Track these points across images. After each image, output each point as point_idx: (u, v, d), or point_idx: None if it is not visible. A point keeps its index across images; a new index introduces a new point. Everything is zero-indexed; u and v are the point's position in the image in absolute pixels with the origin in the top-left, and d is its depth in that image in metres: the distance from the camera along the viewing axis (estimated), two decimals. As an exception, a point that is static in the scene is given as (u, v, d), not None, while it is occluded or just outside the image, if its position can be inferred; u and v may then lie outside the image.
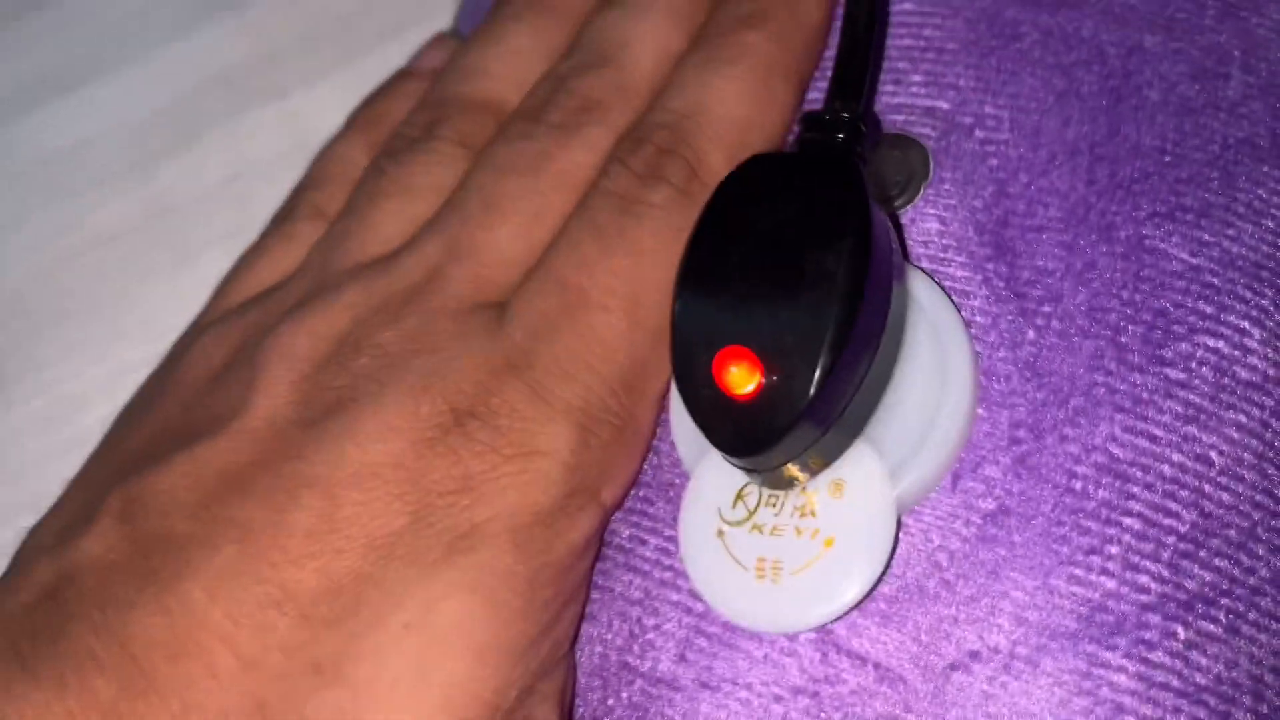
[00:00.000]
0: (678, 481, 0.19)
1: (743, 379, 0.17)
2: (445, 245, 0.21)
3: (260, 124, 0.30)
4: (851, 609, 0.18)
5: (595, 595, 0.19)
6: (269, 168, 0.29)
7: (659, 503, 0.19)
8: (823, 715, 0.17)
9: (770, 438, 0.17)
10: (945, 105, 0.21)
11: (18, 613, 0.19)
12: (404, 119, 0.24)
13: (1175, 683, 0.17)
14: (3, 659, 0.18)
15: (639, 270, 0.20)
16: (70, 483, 0.22)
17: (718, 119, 0.21)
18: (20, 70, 0.31)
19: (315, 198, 0.24)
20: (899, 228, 0.20)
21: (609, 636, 0.19)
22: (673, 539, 0.19)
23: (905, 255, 0.20)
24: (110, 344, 0.29)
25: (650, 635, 0.19)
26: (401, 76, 0.26)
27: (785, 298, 0.17)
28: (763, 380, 0.17)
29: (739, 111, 0.21)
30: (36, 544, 0.21)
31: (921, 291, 0.19)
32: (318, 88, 0.30)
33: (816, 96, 0.22)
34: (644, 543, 0.19)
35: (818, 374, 0.16)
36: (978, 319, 0.19)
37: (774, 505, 0.19)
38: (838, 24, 0.22)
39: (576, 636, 0.20)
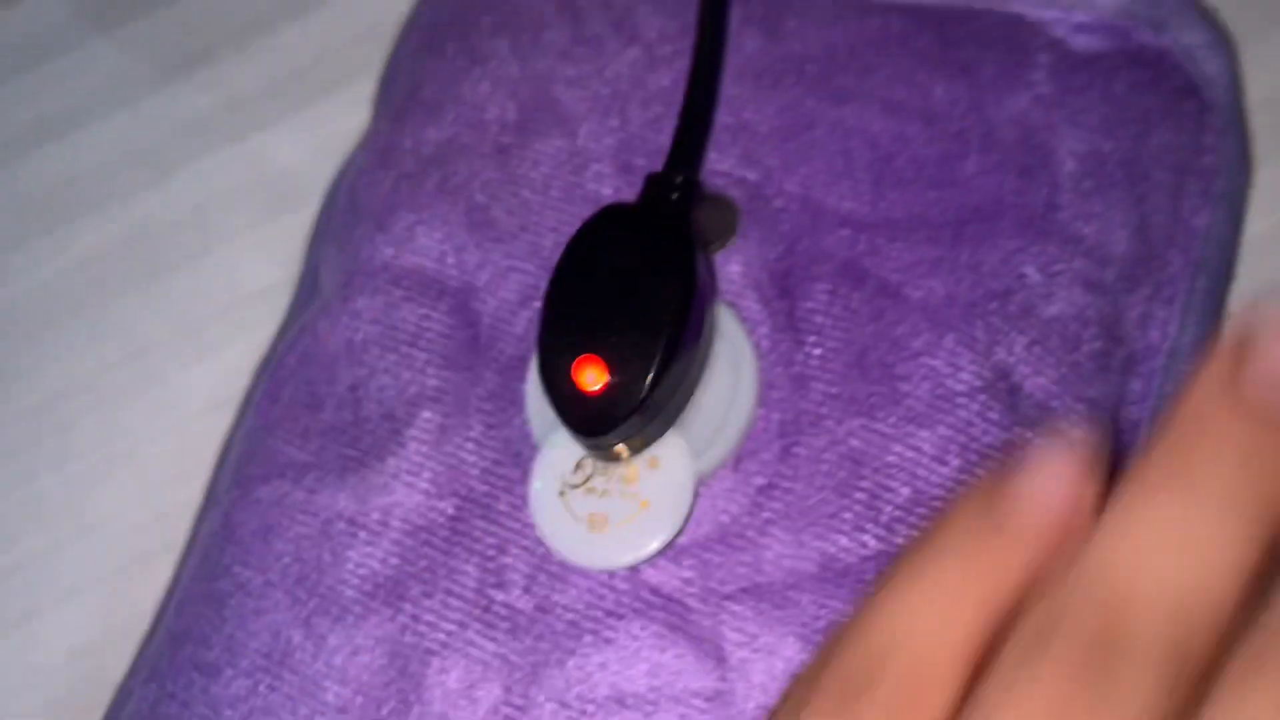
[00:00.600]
0: (525, 451, 0.25)
1: (593, 379, 0.22)
2: None
3: (223, 162, 0.34)
4: (659, 554, 0.23)
5: (455, 539, 0.24)
6: (230, 199, 0.33)
7: (509, 466, 0.25)
8: (629, 631, 0.23)
9: (610, 424, 0.22)
10: (753, 177, 0.26)
11: None
12: (1029, 624, 0.16)
13: None
14: None
15: None
16: None
17: None
18: (21, 117, 0.35)
19: (883, 698, 0.16)
20: (712, 269, 0.26)
21: (469, 569, 0.24)
22: (521, 496, 0.24)
23: (715, 291, 0.25)
24: (92, 347, 0.32)
25: (504, 572, 0.24)
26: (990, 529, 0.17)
27: (628, 321, 0.22)
28: (608, 381, 0.22)
29: None
30: None
31: (724, 319, 0.25)
32: (273, 131, 0.34)
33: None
34: (497, 499, 0.25)
35: (649, 379, 0.22)
36: (763, 343, 0.25)
37: (605, 473, 0.24)
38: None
39: None
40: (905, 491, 0.23)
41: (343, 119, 0.34)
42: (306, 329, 0.28)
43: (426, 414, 0.26)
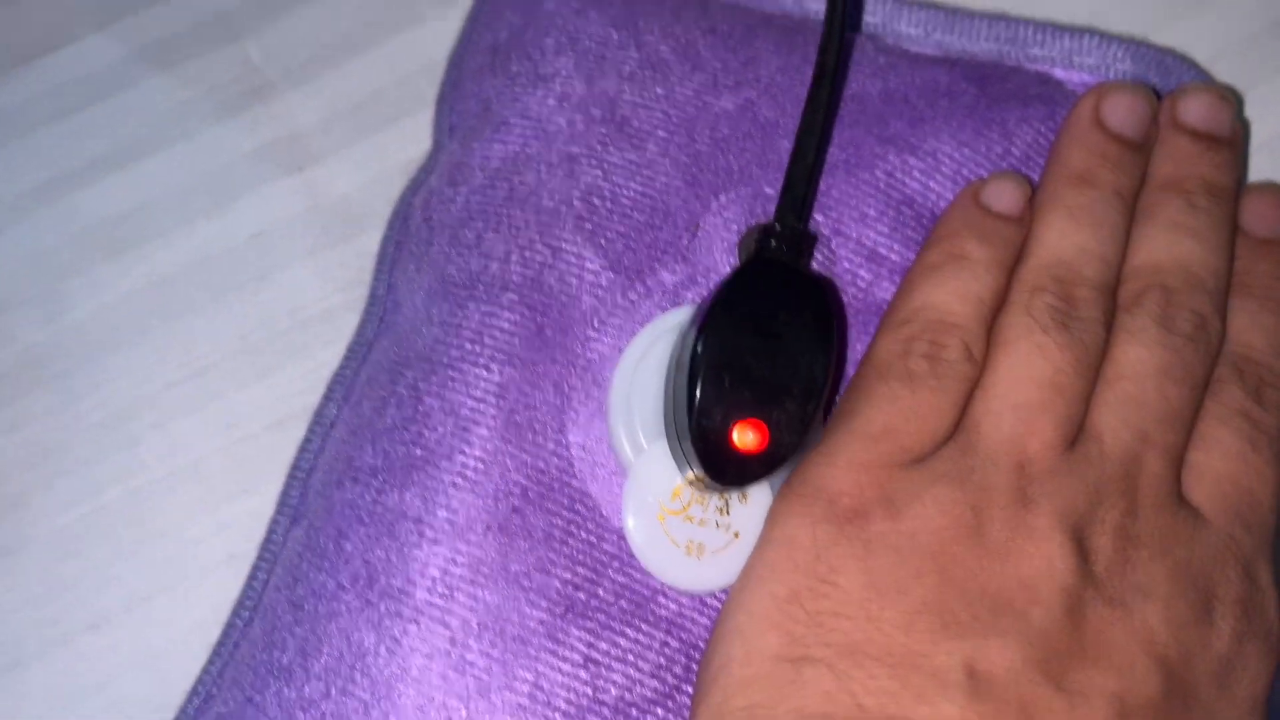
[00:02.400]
0: (599, 456, 0.26)
1: (753, 442, 0.24)
2: (1139, 437, 0.24)
3: (280, 191, 0.35)
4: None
5: (530, 538, 0.25)
6: (287, 227, 0.35)
7: (586, 468, 0.26)
8: (701, 633, 0.25)
9: (757, 478, 0.24)
10: (820, 217, 0.28)
11: None
12: (1030, 279, 0.26)
13: None
14: None
15: (1269, 475, 0.25)
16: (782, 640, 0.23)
17: None
18: (90, 147, 0.36)
19: (945, 342, 0.25)
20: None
21: (555, 574, 0.25)
22: (593, 495, 0.26)
23: None
24: (155, 367, 0.34)
25: (590, 579, 0.25)
26: (978, 210, 0.27)
27: (783, 388, 0.24)
28: (765, 444, 0.24)
29: None
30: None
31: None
32: (327, 163, 0.36)
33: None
34: (570, 499, 0.26)
35: (799, 443, 0.24)
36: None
37: (702, 503, 0.25)
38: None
39: None
40: None
41: (398, 151, 0.36)
42: (379, 343, 0.30)
43: (492, 411, 0.27)
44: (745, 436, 0.24)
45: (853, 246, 0.28)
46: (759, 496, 0.25)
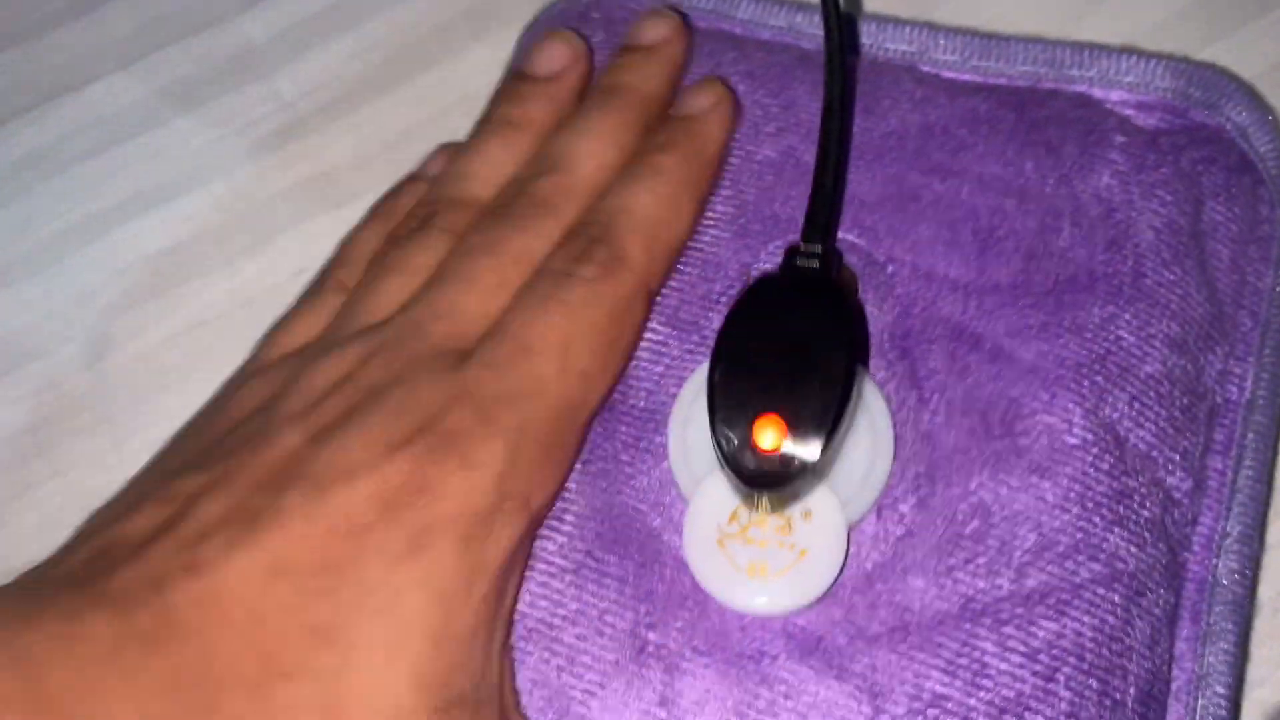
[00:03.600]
0: (666, 500, 0.26)
1: (772, 438, 0.24)
2: (427, 308, 0.26)
3: (320, 229, 0.35)
4: (818, 600, 0.25)
5: (604, 582, 0.26)
6: (327, 265, 0.35)
7: (652, 512, 0.26)
8: (784, 670, 0.25)
9: (784, 481, 0.24)
10: (865, 244, 0.28)
11: (69, 570, 0.22)
12: (409, 212, 0.30)
13: (1019, 647, 0.24)
14: (53, 600, 0.21)
15: (570, 326, 0.25)
16: (123, 488, 0.27)
17: (636, 218, 0.27)
18: (128, 185, 0.36)
19: (339, 274, 0.30)
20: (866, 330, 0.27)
21: (627, 614, 0.25)
22: (665, 541, 0.26)
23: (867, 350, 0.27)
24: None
25: (657, 614, 0.25)
26: (409, 179, 0.33)
27: (803, 385, 0.24)
28: (785, 440, 0.24)
29: (652, 213, 0.27)
30: (86, 530, 0.25)
31: (862, 381, 0.27)
32: (366, 199, 0.35)
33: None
34: (644, 543, 0.26)
35: (822, 442, 0.24)
36: (891, 401, 0.27)
37: (760, 524, 0.25)
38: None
39: (508, 636, 0.25)
40: (1032, 537, 0.25)
41: (436, 188, 0.36)
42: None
43: None
44: (765, 433, 0.24)
45: (908, 271, 0.28)
46: (824, 514, 0.26)
